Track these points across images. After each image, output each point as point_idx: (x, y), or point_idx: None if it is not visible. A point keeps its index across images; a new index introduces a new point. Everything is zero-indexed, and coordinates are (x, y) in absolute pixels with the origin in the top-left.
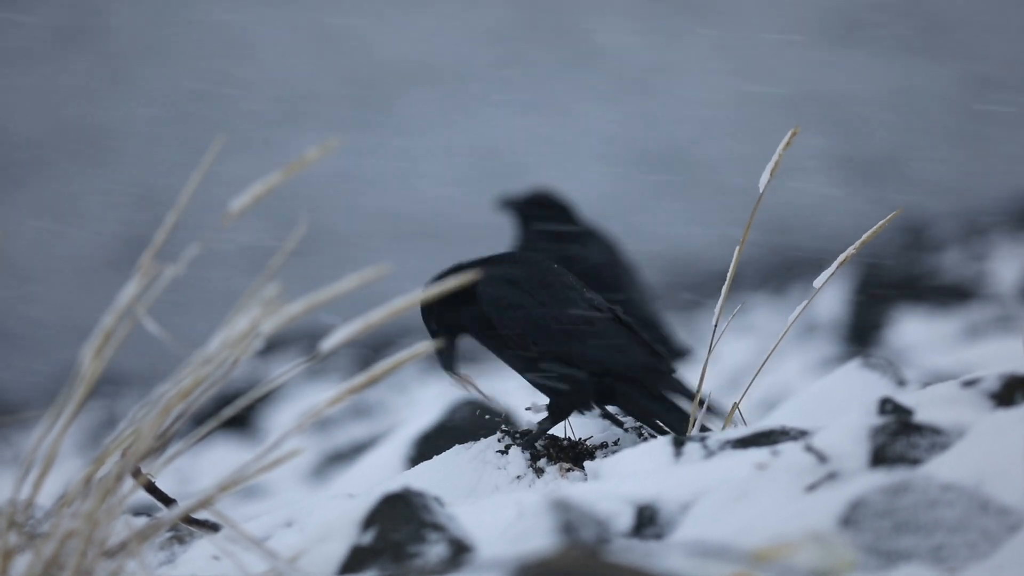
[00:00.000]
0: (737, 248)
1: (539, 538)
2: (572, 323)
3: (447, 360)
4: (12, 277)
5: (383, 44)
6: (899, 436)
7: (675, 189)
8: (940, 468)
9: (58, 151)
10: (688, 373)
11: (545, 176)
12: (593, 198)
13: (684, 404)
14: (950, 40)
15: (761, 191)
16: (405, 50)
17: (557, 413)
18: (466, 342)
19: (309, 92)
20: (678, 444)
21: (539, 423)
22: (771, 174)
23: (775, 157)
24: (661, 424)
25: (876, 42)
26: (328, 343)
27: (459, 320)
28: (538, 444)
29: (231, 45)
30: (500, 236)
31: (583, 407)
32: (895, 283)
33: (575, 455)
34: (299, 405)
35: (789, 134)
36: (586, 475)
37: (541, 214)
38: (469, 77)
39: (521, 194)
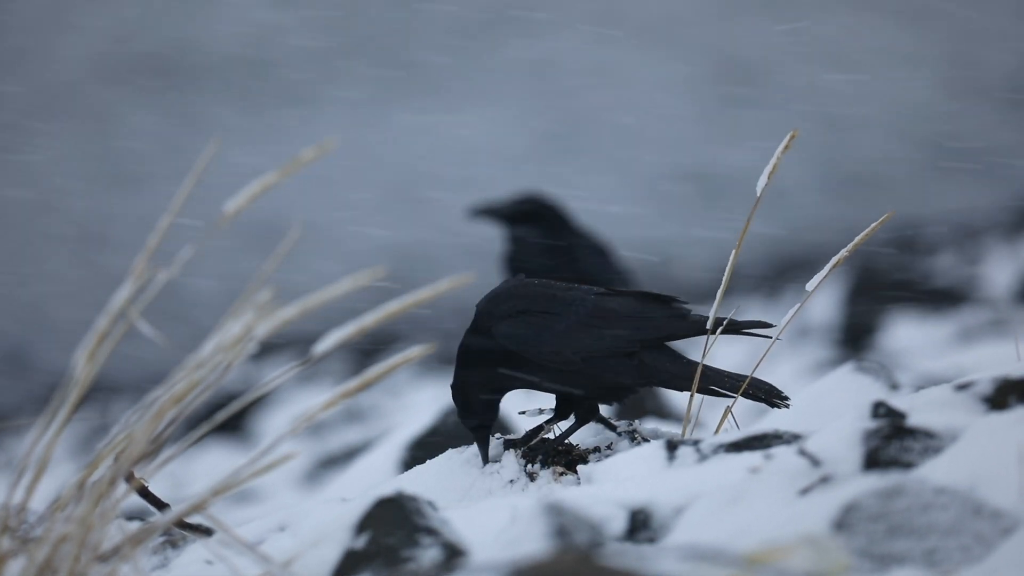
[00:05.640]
0: (733, 252)
1: (533, 542)
2: (600, 312)
3: (487, 457)
4: None
5: None
6: (892, 440)
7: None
8: (933, 472)
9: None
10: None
11: None
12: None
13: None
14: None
15: (759, 194)
16: None
17: (588, 412)
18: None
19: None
20: (671, 448)
21: (569, 428)
22: (768, 177)
23: (773, 160)
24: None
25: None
26: (321, 347)
27: (502, 382)
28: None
29: None
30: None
31: (629, 390)
32: (889, 286)
33: (569, 459)
34: (292, 409)
35: (788, 137)
36: (579, 479)
37: (531, 220)
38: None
39: (506, 201)
